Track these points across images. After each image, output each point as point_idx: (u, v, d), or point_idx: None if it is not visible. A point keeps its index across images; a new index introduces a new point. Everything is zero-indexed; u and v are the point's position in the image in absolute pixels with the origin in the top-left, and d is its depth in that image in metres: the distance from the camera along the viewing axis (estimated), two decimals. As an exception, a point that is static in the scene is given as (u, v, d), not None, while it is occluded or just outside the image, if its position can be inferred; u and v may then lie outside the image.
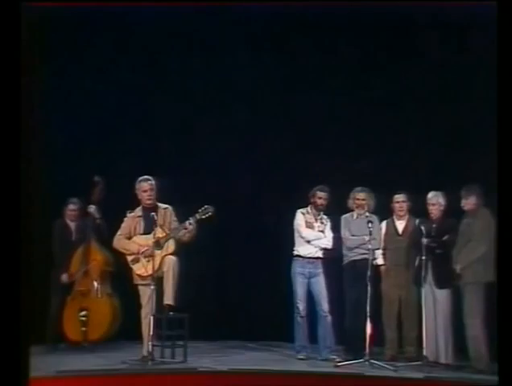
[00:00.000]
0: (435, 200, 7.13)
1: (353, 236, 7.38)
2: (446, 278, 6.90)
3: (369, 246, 7.04)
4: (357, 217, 7.45)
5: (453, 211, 7.09)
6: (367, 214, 7.41)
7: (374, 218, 7.41)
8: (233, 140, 8.69)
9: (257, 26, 8.49)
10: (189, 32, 8.64)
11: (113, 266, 7.99)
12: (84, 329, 7.76)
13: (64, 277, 7.91)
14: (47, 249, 8.02)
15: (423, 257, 6.96)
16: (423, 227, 7.05)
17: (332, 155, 8.36)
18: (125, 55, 8.71)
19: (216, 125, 8.69)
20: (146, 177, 7.05)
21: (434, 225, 7.11)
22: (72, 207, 8.10)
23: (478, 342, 6.63)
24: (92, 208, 7.96)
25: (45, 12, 7.26)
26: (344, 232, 7.44)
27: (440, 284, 6.97)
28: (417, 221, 7.35)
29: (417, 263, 7.15)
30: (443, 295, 6.98)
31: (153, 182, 7.05)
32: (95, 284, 7.92)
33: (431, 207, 7.14)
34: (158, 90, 8.78)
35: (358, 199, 7.46)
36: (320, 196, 7.45)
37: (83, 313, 7.79)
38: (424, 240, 6.98)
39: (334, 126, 8.51)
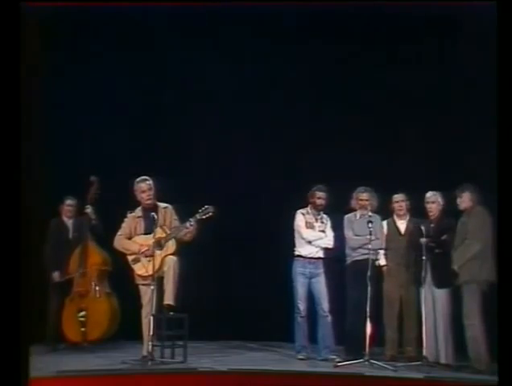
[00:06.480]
0: (434, 198, 7.15)
1: (356, 236, 7.36)
2: (445, 278, 6.89)
3: (369, 246, 7.04)
4: (360, 217, 7.43)
5: (453, 211, 7.09)
6: (370, 214, 7.40)
7: (376, 218, 7.41)
8: (233, 140, 8.69)
9: (257, 26, 8.50)
10: (189, 31, 8.64)
11: (110, 266, 8.00)
12: (83, 329, 7.75)
13: (56, 276, 7.89)
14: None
15: (423, 257, 6.96)
16: (422, 227, 7.06)
17: (333, 155, 8.37)
18: (124, 55, 8.71)
19: (217, 124, 8.69)
20: (143, 177, 7.01)
21: (433, 225, 7.12)
22: (69, 203, 8.10)
23: (478, 342, 6.62)
24: (88, 209, 7.96)
25: (45, 12, 7.27)
26: (348, 232, 7.43)
27: (439, 283, 6.97)
28: (416, 221, 7.37)
29: (417, 263, 7.16)
30: (442, 295, 6.98)
31: (151, 181, 7.01)
32: (93, 284, 7.91)
33: (429, 206, 7.15)
34: (158, 89, 8.78)
35: (361, 200, 7.44)
36: (319, 196, 7.43)
37: (82, 313, 7.79)
38: (423, 240, 6.99)
39: (334, 126, 8.52)
